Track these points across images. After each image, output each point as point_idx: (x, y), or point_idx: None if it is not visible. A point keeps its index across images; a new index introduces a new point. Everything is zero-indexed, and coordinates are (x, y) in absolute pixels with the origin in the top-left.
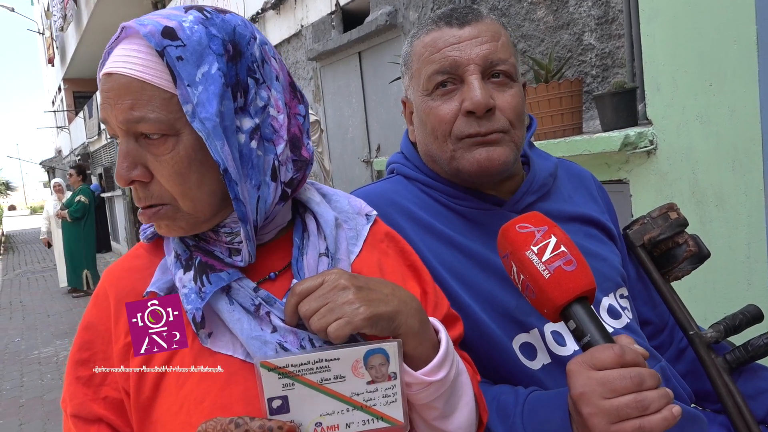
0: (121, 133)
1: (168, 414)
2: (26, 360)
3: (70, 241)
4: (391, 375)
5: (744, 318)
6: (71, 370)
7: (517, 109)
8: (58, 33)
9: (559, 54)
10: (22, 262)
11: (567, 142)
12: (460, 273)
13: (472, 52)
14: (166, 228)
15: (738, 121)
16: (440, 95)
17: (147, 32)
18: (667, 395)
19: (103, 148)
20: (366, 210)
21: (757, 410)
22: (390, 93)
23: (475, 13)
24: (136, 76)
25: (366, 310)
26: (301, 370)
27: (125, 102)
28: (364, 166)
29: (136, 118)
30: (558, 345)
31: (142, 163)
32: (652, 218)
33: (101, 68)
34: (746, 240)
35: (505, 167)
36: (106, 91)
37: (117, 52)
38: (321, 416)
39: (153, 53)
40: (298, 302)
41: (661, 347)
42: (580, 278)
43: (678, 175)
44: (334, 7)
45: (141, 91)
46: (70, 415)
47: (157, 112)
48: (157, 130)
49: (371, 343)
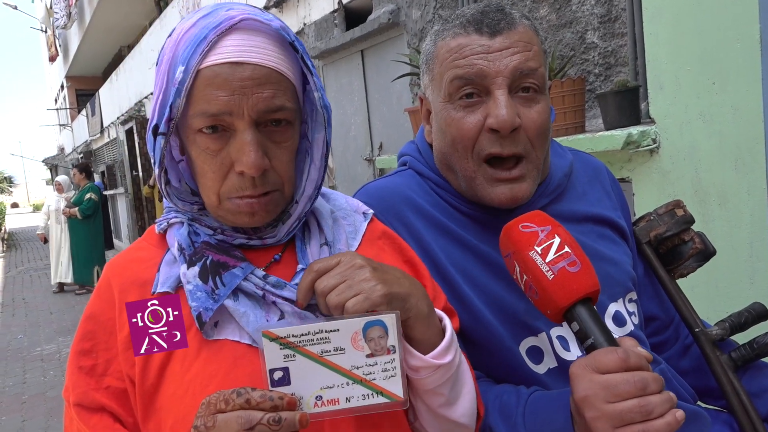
0: (248, 123)
1: (173, 399)
2: (29, 357)
3: (78, 238)
4: (390, 348)
5: (750, 316)
6: (74, 359)
7: (542, 128)
8: (60, 31)
9: (561, 52)
10: (25, 260)
11: (569, 140)
12: (471, 274)
13: (501, 64)
14: (267, 214)
15: (741, 120)
16: (463, 106)
17: (278, 26)
18: (671, 399)
19: (105, 146)
20: (363, 209)
21: (762, 408)
22: (392, 91)
23: (508, 19)
24: (274, 67)
25: (383, 288)
26: (301, 340)
27: (266, 91)
28: (366, 164)
29: (277, 107)
30: (564, 350)
31: (265, 151)
32: (658, 215)
33: (208, 56)
34: (749, 239)
35: (527, 200)
36: (237, 80)
37: (240, 42)
38: (321, 389)
39: (282, 47)
40: (315, 279)
41: (666, 343)
42: (584, 280)
43: (680, 174)
44: (336, 5)
45: (279, 81)
46: (73, 405)
47: (292, 102)
48: (290, 118)
49: (370, 314)
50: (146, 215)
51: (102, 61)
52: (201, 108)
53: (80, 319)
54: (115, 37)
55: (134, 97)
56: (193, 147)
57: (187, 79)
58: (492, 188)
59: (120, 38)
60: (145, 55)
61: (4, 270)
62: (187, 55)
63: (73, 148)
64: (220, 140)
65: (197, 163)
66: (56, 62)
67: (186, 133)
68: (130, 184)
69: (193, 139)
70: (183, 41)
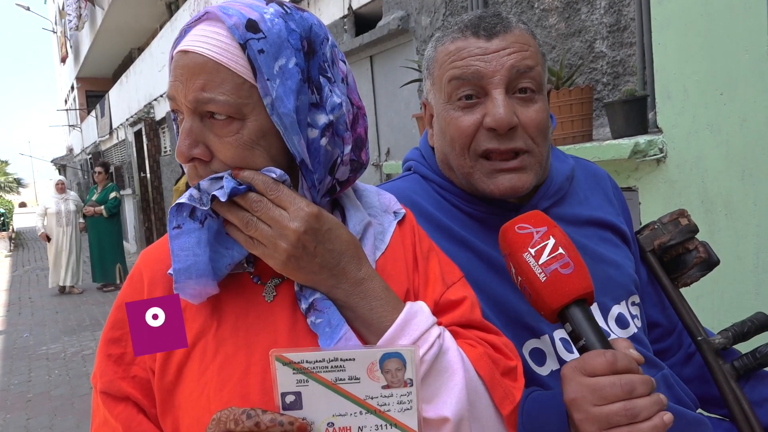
0: (187, 111)
1: (190, 399)
2: (34, 356)
3: (101, 236)
4: (407, 381)
5: (753, 325)
6: (103, 347)
7: (541, 126)
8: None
9: (570, 61)
10: (32, 259)
11: (577, 148)
12: (474, 276)
13: (497, 64)
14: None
15: (748, 130)
16: (462, 107)
17: (232, 24)
18: (659, 402)
19: (113, 147)
20: (394, 207)
21: (764, 417)
22: (400, 97)
23: (504, 23)
24: (213, 57)
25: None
26: (315, 367)
27: (197, 81)
28: (374, 170)
29: (206, 99)
30: (566, 351)
31: (203, 141)
32: (662, 224)
33: (176, 46)
34: (755, 249)
35: (527, 191)
36: (179, 67)
37: (196, 31)
38: (334, 416)
39: (234, 41)
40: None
41: (669, 350)
42: (576, 282)
43: (687, 184)
44: (346, 11)
45: (215, 72)
46: (100, 392)
47: (227, 95)
48: (224, 112)
49: (388, 347)
50: (153, 217)
51: (112, 63)
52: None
53: (111, 308)
54: (126, 40)
55: (144, 99)
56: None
57: (168, 65)
58: (491, 179)
59: (131, 40)
60: (156, 57)
61: (11, 269)
62: (173, 44)
63: (82, 148)
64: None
65: None
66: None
67: None
68: (138, 185)
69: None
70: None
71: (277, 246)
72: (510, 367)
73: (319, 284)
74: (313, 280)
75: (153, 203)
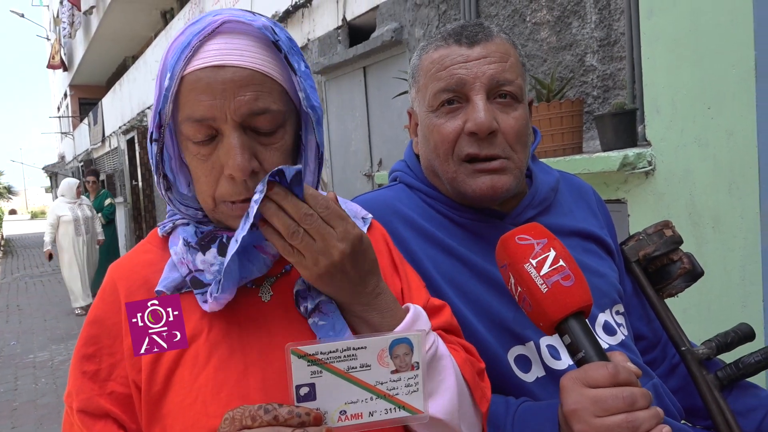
0: (232, 126)
1: (180, 407)
2: (21, 364)
3: (102, 245)
4: (414, 365)
5: (736, 336)
6: (77, 363)
7: (520, 132)
8: (66, 39)
9: (561, 74)
10: (21, 267)
11: (567, 161)
12: (459, 283)
13: (479, 71)
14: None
15: (735, 144)
16: (445, 113)
17: (261, 25)
18: (658, 415)
19: (106, 155)
20: (362, 213)
21: (747, 427)
22: (393, 108)
23: (486, 32)
24: (257, 68)
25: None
26: (329, 357)
27: (247, 94)
28: (366, 180)
29: (260, 109)
30: (553, 359)
31: (254, 153)
32: (647, 235)
33: (191, 62)
34: (741, 262)
35: (507, 194)
36: (218, 83)
37: (221, 46)
38: (345, 404)
39: (266, 47)
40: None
41: (653, 362)
42: (577, 294)
43: (675, 197)
44: (341, 22)
45: (263, 83)
46: (77, 411)
47: (278, 104)
48: (277, 120)
49: (398, 333)
50: (144, 225)
51: (106, 71)
52: (187, 113)
53: (83, 323)
54: (120, 48)
55: (137, 107)
56: (186, 153)
57: (173, 86)
58: (472, 180)
59: (125, 49)
60: (150, 66)
61: (0, 276)
62: (173, 62)
63: (74, 156)
64: (209, 145)
65: (191, 168)
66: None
67: (180, 140)
68: (130, 193)
69: (185, 145)
70: (172, 49)
71: (318, 261)
72: (481, 369)
73: (341, 297)
74: (337, 293)
75: (144, 212)
